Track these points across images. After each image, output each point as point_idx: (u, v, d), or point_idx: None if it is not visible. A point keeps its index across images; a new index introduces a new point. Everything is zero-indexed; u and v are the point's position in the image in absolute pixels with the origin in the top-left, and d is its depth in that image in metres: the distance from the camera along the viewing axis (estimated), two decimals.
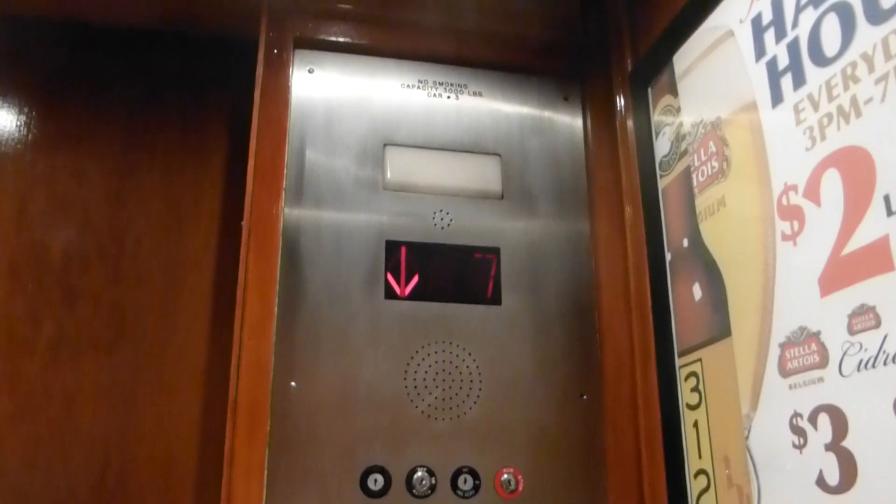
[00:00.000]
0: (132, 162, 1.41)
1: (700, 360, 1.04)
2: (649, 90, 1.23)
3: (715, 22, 1.05)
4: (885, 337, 0.71)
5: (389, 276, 1.18)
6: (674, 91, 1.15)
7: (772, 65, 0.92)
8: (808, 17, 0.85)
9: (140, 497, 1.25)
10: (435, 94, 1.31)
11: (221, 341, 1.32)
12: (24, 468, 1.23)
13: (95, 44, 1.46)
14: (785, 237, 0.87)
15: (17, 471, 1.23)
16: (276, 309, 1.13)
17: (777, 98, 0.90)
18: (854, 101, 0.77)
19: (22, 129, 1.38)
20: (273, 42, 1.26)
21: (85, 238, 1.35)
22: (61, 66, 1.44)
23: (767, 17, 0.93)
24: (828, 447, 0.78)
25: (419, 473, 1.10)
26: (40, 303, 1.31)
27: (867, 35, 0.76)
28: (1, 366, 1.27)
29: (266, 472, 1.06)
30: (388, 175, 1.24)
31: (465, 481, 1.11)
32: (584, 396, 1.19)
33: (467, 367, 1.17)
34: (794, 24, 0.88)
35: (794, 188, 0.86)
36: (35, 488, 1.23)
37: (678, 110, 1.14)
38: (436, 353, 1.17)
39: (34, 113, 1.40)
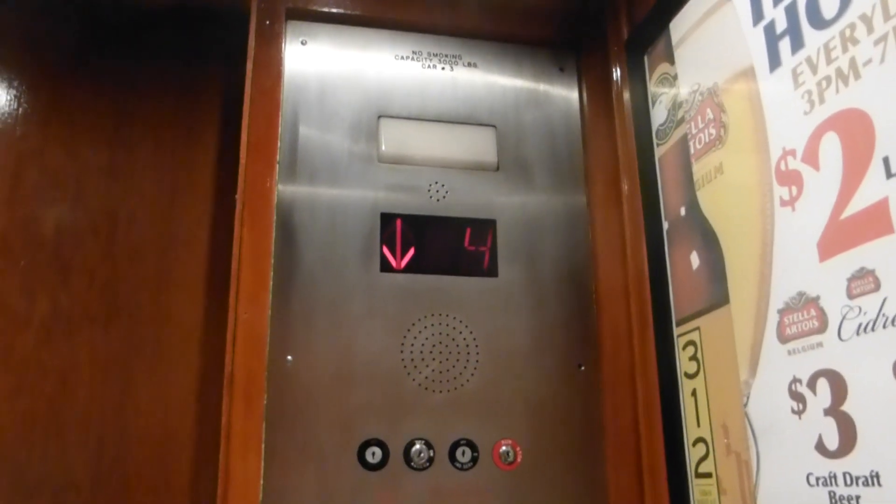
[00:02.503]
0: (124, 136, 1.40)
1: (698, 328, 1.03)
2: (646, 58, 1.22)
3: None
4: (885, 300, 0.71)
5: (385, 249, 1.18)
6: (670, 59, 1.14)
7: (769, 29, 0.91)
8: None
9: (137, 472, 1.25)
10: (429, 66, 1.30)
11: (217, 316, 1.31)
12: (20, 445, 1.23)
13: (87, 16, 1.44)
14: (783, 202, 0.86)
15: (12, 448, 1.22)
16: (270, 283, 1.12)
17: (775, 62, 0.89)
18: (853, 63, 0.77)
19: (13, 103, 1.37)
20: (265, 13, 1.24)
21: (78, 213, 1.34)
22: (52, 39, 1.42)
23: None
24: (827, 412, 0.78)
25: (417, 446, 1.10)
26: (34, 278, 1.29)
27: None
28: None
29: (263, 446, 1.06)
30: (383, 147, 1.23)
31: (464, 453, 1.11)
32: (582, 367, 1.19)
33: (464, 339, 1.16)
34: None
35: (793, 153, 0.85)
36: (31, 465, 1.22)
37: (675, 78, 1.13)
38: (432, 325, 1.16)
39: (25, 87, 1.38)
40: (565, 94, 1.34)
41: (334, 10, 1.28)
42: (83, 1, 1.42)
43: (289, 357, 1.10)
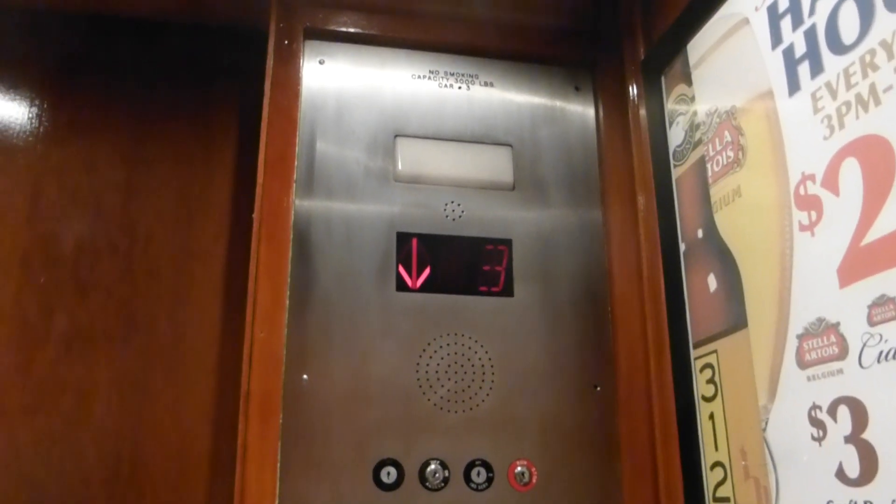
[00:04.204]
0: (143, 153, 1.41)
1: (716, 351, 1.03)
2: (662, 79, 1.22)
3: (730, 9, 1.04)
4: None
5: (401, 269, 1.18)
6: (688, 80, 1.14)
7: (788, 53, 0.91)
8: (826, 3, 0.84)
9: (153, 489, 1.26)
10: (446, 85, 1.30)
11: (233, 333, 1.31)
12: (38, 460, 1.23)
13: (106, 34, 1.46)
14: (802, 227, 0.86)
15: (30, 463, 1.23)
16: (287, 301, 1.13)
17: (794, 86, 0.89)
18: (873, 89, 0.76)
19: (33, 120, 1.38)
20: (283, 32, 1.25)
21: (96, 229, 1.35)
22: (72, 57, 1.44)
23: (784, 4, 0.92)
24: (847, 439, 0.77)
25: (432, 466, 1.10)
26: (52, 295, 1.31)
27: (886, 22, 0.75)
28: (14, 358, 1.27)
29: (279, 464, 1.06)
30: (399, 166, 1.23)
31: (479, 474, 1.11)
32: (598, 388, 1.19)
33: (479, 359, 1.16)
34: (811, 12, 0.87)
35: (812, 178, 0.85)
36: (48, 481, 1.23)
37: (692, 99, 1.13)
38: (448, 345, 1.16)
39: (45, 104, 1.40)
40: (581, 114, 1.34)
41: (352, 30, 1.28)
42: (102, 21, 1.43)
43: (304, 376, 1.11)
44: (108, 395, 1.28)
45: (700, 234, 1.08)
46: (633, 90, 1.30)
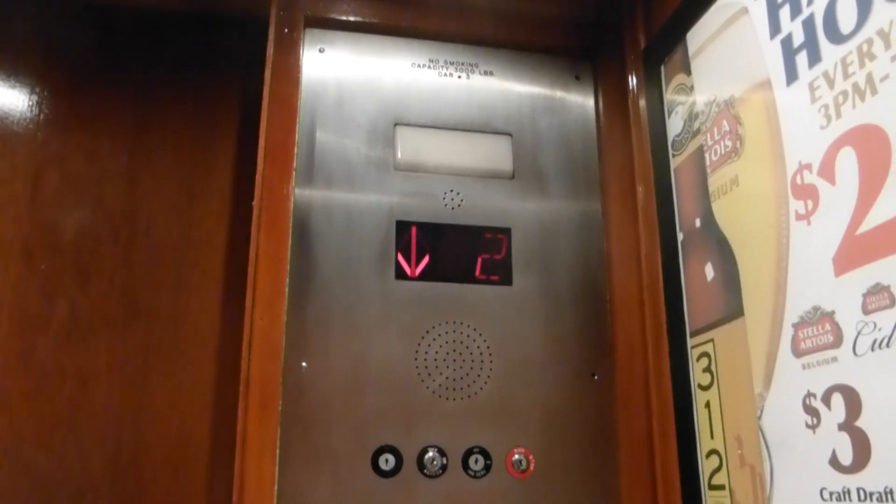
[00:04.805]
0: (144, 141, 1.42)
1: (712, 340, 1.03)
2: (662, 68, 1.22)
3: None
4: None
5: (400, 257, 1.18)
6: (687, 69, 1.14)
7: (786, 42, 0.91)
8: None
9: (153, 475, 1.26)
10: (446, 74, 1.30)
11: (233, 321, 1.32)
12: (38, 447, 1.24)
13: (107, 23, 1.45)
14: (799, 216, 0.86)
15: (30, 449, 1.24)
16: (286, 289, 1.13)
17: (792, 76, 0.89)
18: (870, 78, 0.77)
19: (34, 108, 1.38)
20: (284, 21, 1.25)
21: (98, 218, 1.36)
22: (73, 45, 1.44)
23: None
24: (841, 427, 0.78)
25: (430, 453, 1.10)
26: (54, 282, 1.31)
27: (884, 11, 0.75)
28: (15, 345, 1.28)
29: (278, 451, 1.07)
30: (399, 155, 1.24)
31: (477, 461, 1.12)
32: (596, 377, 1.19)
33: (478, 347, 1.17)
34: (810, 1, 0.87)
35: (809, 167, 0.85)
36: (49, 467, 1.24)
37: (691, 89, 1.13)
38: (446, 333, 1.17)
39: (46, 92, 1.40)
40: (581, 103, 1.34)
41: (352, 19, 1.28)
42: (103, 9, 1.43)
43: (304, 363, 1.11)
44: (109, 382, 1.29)
45: (698, 223, 1.09)
46: (633, 80, 1.30)
